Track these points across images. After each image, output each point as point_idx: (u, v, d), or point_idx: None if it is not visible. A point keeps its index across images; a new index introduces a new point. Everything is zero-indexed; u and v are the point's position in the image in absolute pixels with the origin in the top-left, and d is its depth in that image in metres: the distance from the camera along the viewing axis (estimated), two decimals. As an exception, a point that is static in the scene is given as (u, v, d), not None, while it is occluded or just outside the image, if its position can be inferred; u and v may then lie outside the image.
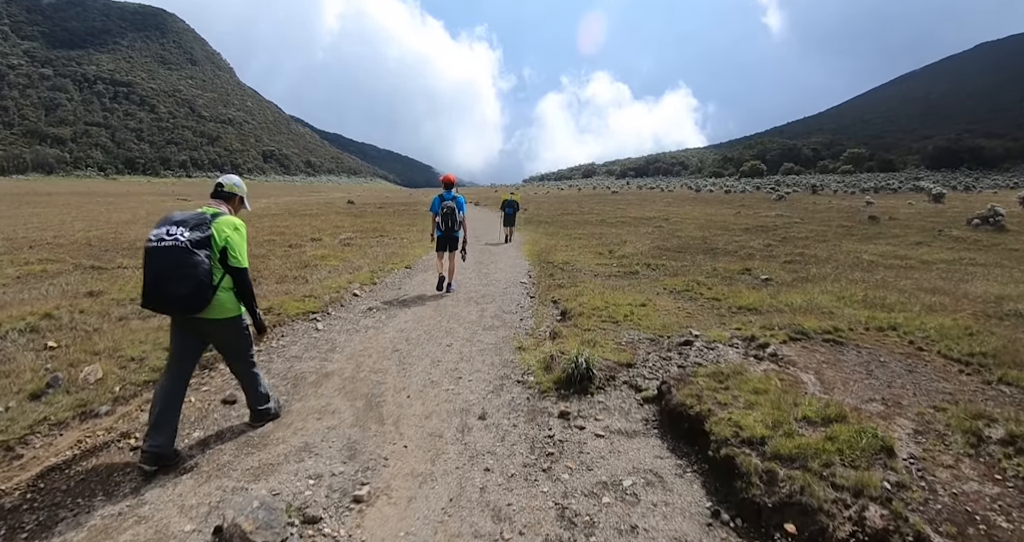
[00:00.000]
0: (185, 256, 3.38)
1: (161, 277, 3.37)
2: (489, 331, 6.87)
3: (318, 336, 6.62)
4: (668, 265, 12.03)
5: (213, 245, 3.56)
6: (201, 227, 3.52)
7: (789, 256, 13.47)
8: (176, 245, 3.37)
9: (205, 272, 3.44)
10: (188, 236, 3.42)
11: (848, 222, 23.22)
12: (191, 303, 3.45)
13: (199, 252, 3.44)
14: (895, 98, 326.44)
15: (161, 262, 3.37)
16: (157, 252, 3.37)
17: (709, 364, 5.09)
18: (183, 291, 3.37)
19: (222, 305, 3.67)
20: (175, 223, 3.48)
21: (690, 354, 5.44)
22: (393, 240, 17.54)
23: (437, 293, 9.24)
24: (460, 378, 5.22)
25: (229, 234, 3.65)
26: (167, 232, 3.42)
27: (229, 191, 4.02)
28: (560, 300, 8.34)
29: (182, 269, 3.36)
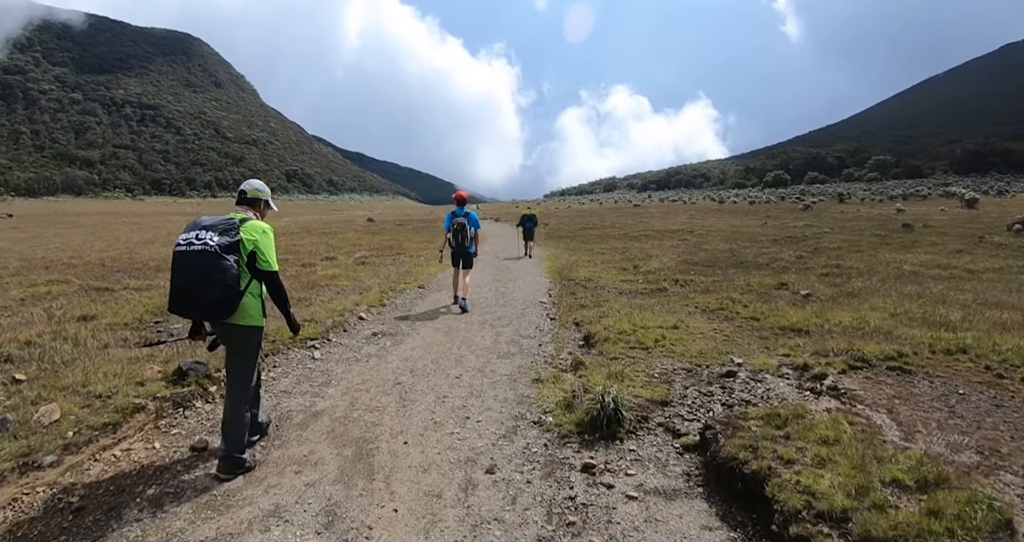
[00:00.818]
0: (214, 261, 3.33)
1: (190, 282, 3.34)
2: (504, 359, 6.17)
3: (313, 366, 5.98)
4: (698, 281, 11.25)
5: (241, 250, 3.52)
6: (230, 232, 3.47)
7: (825, 268, 12.62)
8: (205, 250, 3.33)
9: (233, 277, 3.40)
10: (217, 241, 3.38)
11: (881, 231, 22.22)
12: (219, 309, 3.42)
13: (228, 257, 3.39)
14: (919, 103, 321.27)
15: (190, 267, 3.35)
16: (186, 257, 3.36)
17: (759, 401, 4.34)
18: (212, 297, 3.34)
19: (247, 312, 3.62)
20: (204, 228, 3.45)
21: (735, 388, 4.69)
22: (409, 258, 16.96)
23: (449, 315, 8.61)
24: (468, 418, 4.51)
25: (257, 238, 3.59)
26: (196, 236, 3.39)
27: (253, 196, 3.95)
28: (583, 322, 7.61)
29: (211, 274, 3.32)
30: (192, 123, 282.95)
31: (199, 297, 3.35)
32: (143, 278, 12.09)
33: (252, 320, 3.69)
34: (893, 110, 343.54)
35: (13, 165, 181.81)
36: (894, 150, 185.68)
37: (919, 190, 71.71)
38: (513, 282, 12.11)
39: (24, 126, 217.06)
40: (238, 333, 3.70)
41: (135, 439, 4.20)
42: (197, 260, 3.34)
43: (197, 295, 3.35)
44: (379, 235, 27.11)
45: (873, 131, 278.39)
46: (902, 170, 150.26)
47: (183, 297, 3.39)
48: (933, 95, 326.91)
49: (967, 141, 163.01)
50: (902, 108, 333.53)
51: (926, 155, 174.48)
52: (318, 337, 6.95)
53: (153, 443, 4.14)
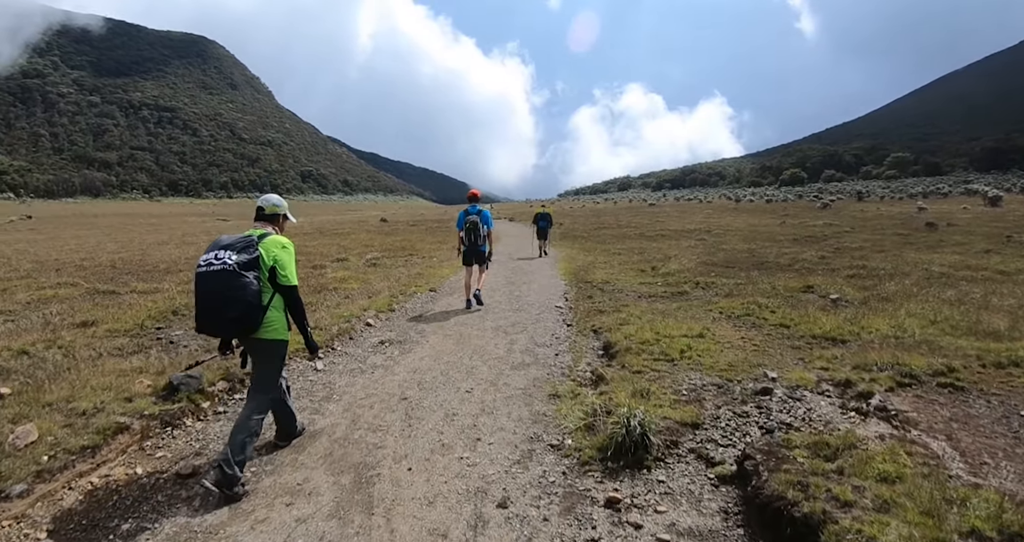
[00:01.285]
0: (233, 279, 3.41)
1: (212, 301, 3.43)
2: (518, 371, 5.77)
3: (315, 379, 5.62)
4: (719, 283, 10.79)
5: (261, 266, 3.57)
6: (248, 249, 3.53)
7: (851, 270, 12.10)
8: (224, 269, 3.41)
9: (254, 293, 3.48)
10: (235, 259, 3.45)
11: (904, 230, 21.58)
12: (242, 324, 3.50)
13: (247, 274, 3.46)
14: (937, 100, 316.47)
15: (210, 286, 3.42)
16: (206, 277, 3.43)
17: (801, 424, 3.92)
18: (233, 314, 3.42)
19: (272, 325, 3.67)
20: (223, 247, 3.52)
21: (772, 408, 4.26)
22: (421, 259, 16.62)
23: (461, 321, 8.24)
24: (479, 440, 4.12)
25: (277, 253, 3.65)
26: (215, 256, 3.46)
27: (271, 213, 3.97)
28: (602, 329, 7.20)
29: (231, 292, 3.40)
30: (208, 125, 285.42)
31: (221, 315, 3.43)
32: (151, 281, 11.86)
33: (277, 334, 3.74)
34: (911, 107, 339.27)
35: (33, 167, 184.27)
36: (912, 147, 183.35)
37: (940, 188, 70.31)
38: (528, 285, 11.72)
39: (43, 129, 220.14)
40: (264, 347, 3.75)
41: (116, 463, 3.86)
42: (217, 280, 3.41)
43: (219, 313, 3.43)
44: (392, 236, 26.82)
45: (891, 128, 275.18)
46: (921, 168, 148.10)
47: (207, 317, 3.48)
48: (952, 91, 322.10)
49: (987, 138, 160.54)
50: (920, 105, 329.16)
51: (945, 152, 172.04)
52: (322, 346, 6.59)
53: (135, 468, 3.79)
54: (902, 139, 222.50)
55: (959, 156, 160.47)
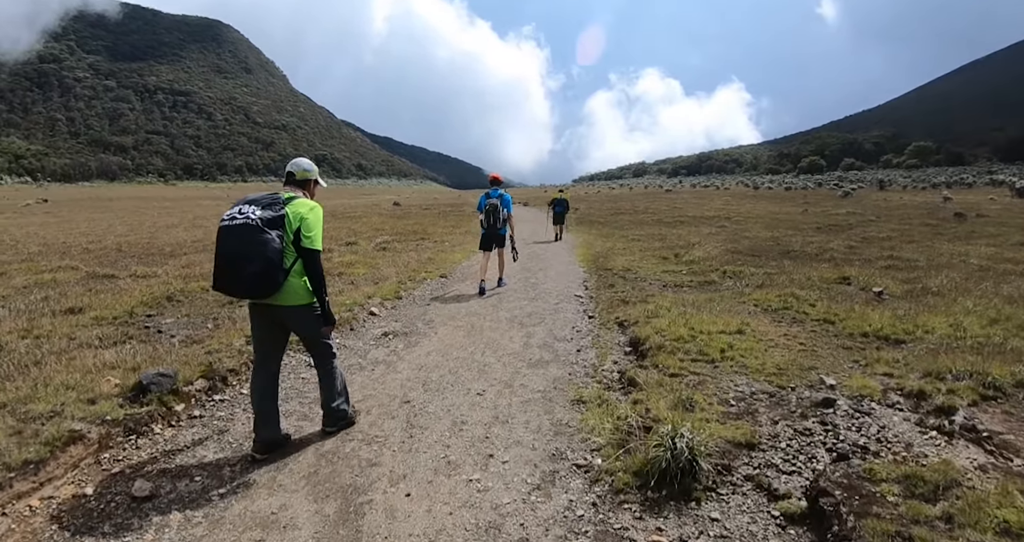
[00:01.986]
0: (255, 234, 3.24)
1: (231, 256, 3.27)
2: (536, 369, 5.14)
3: (308, 376, 5.01)
4: (748, 272, 10.09)
5: (286, 226, 3.39)
6: (273, 207, 3.38)
7: (885, 261, 11.36)
8: (247, 223, 3.25)
9: (275, 251, 3.28)
10: (259, 214, 3.30)
11: (931, 220, 20.66)
12: (260, 284, 3.29)
13: (270, 231, 3.28)
14: (960, 88, 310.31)
15: (231, 240, 3.28)
16: (227, 231, 3.29)
17: (878, 446, 3.26)
18: (251, 269, 3.22)
19: (294, 291, 3.47)
20: (248, 202, 3.39)
21: (838, 423, 3.59)
22: (433, 243, 16.01)
23: (472, 310, 7.62)
24: (491, 457, 3.50)
25: (304, 214, 3.45)
26: (239, 211, 3.32)
27: (302, 178, 3.82)
28: (628, 322, 6.52)
29: (251, 247, 3.22)
30: (223, 109, 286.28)
31: (240, 271, 3.25)
32: (152, 264, 11.38)
33: (301, 299, 3.52)
34: (932, 95, 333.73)
35: (50, 151, 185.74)
36: (934, 136, 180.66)
37: (963, 178, 68.63)
38: (544, 271, 11.07)
39: (60, 113, 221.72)
40: (291, 314, 3.56)
41: (64, 481, 3.27)
42: (238, 233, 3.25)
43: (238, 268, 3.25)
44: (404, 219, 26.22)
45: (911, 116, 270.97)
46: (943, 157, 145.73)
47: (225, 271, 3.31)
48: (975, 79, 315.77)
49: (1012, 128, 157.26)
50: (942, 93, 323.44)
51: (968, 142, 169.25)
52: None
53: (85, 487, 3.21)
54: (923, 128, 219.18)
55: (982, 146, 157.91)
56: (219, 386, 4.64)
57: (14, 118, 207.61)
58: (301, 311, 3.56)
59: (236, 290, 3.42)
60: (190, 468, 3.45)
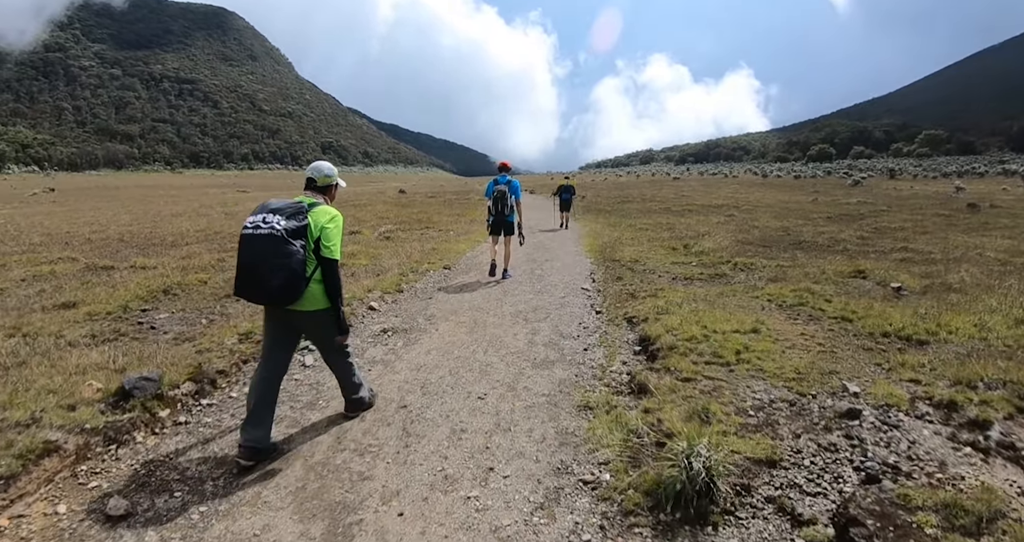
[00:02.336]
0: (280, 245, 3.23)
1: (255, 266, 3.26)
2: (541, 370, 4.89)
3: (301, 378, 4.78)
4: (760, 264, 9.82)
5: (308, 235, 3.40)
6: (297, 216, 3.36)
7: (899, 253, 11.07)
8: (272, 234, 3.23)
9: (299, 262, 3.29)
10: (284, 225, 3.27)
11: (944, 210, 20.22)
12: (284, 294, 3.29)
13: (294, 242, 3.29)
14: (971, 76, 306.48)
15: (256, 250, 3.26)
16: (252, 240, 3.27)
17: (909, 465, 3.01)
18: (276, 282, 3.23)
19: (314, 297, 3.48)
20: (272, 211, 3.35)
21: (865, 437, 3.33)
22: (438, 232, 15.77)
23: (475, 305, 7.37)
24: (491, 470, 3.26)
25: (324, 224, 3.46)
26: (263, 220, 3.29)
27: (323, 184, 3.77)
28: (637, 319, 6.27)
29: (276, 259, 3.23)
30: (229, 97, 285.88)
31: (264, 281, 3.23)
32: (153, 255, 11.22)
33: (320, 304, 3.52)
34: (944, 83, 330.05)
35: (56, 140, 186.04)
36: (945, 125, 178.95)
37: (975, 167, 67.61)
38: (551, 262, 10.80)
39: (66, 102, 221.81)
40: (309, 319, 3.57)
41: (35, 498, 3.05)
42: (263, 244, 3.23)
43: (262, 279, 3.24)
44: (409, 207, 25.94)
45: (922, 105, 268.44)
46: (954, 146, 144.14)
47: (248, 281, 3.29)
48: (987, 67, 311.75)
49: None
50: (953, 81, 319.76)
51: (979, 131, 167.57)
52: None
53: (58, 504, 2.99)
54: (934, 116, 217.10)
55: (994, 135, 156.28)
56: (207, 389, 4.41)
57: (21, 107, 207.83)
58: (319, 316, 3.56)
59: (259, 299, 3.40)
60: (171, 482, 3.23)
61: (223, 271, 9.57)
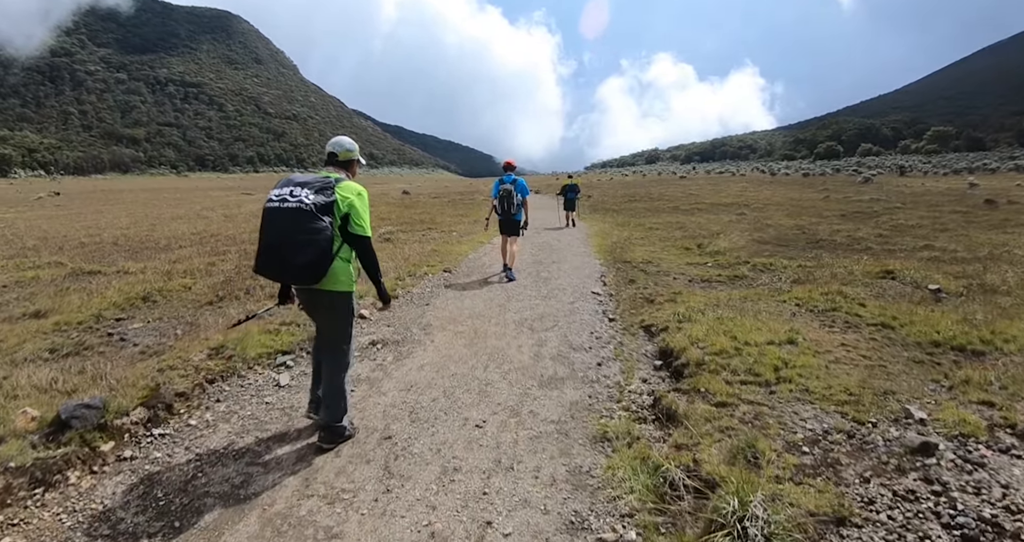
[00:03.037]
0: (309, 220, 3.03)
1: (281, 242, 3.05)
2: (549, 390, 4.26)
3: (273, 400, 4.15)
4: (780, 265, 9.21)
5: (336, 211, 3.16)
6: (326, 191, 3.14)
7: (925, 252, 10.48)
8: (300, 208, 3.03)
9: (327, 239, 3.08)
10: (313, 199, 3.07)
11: (961, 207, 19.52)
12: (309, 273, 3.08)
13: (323, 218, 3.07)
14: (979, 72, 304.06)
15: (282, 225, 3.05)
16: (278, 214, 3.07)
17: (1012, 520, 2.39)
18: (304, 259, 3.02)
19: (337, 277, 3.28)
20: (299, 184, 3.15)
21: (947, 481, 2.70)
22: (440, 234, 15.20)
23: (476, 311, 6.75)
24: (489, 525, 2.64)
25: (352, 199, 3.21)
26: (290, 193, 3.10)
27: (345, 158, 3.58)
28: (656, 327, 5.64)
29: (305, 234, 3.02)
30: (234, 100, 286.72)
31: (290, 259, 3.05)
32: (143, 259, 10.82)
33: (342, 285, 3.37)
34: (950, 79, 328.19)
35: (62, 145, 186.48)
36: (953, 121, 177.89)
37: (986, 163, 66.52)
38: (558, 264, 10.18)
39: (72, 106, 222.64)
40: (328, 299, 3.38)
41: (-77, 564, 2.49)
42: (291, 218, 3.05)
43: (288, 256, 3.04)
44: (411, 208, 25.39)
45: (930, 101, 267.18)
46: (963, 142, 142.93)
47: (272, 258, 3.10)
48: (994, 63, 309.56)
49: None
50: (961, 77, 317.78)
51: (988, 127, 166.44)
52: (294, 349, 5.15)
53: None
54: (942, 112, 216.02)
55: (1003, 131, 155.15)
56: (162, 416, 3.80)
57: (27, 112, 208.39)
58: (336, 297, 3.39)
59: (283, 277, 3.26)
60: (98, 540, 2.64)
61: (210, 276, 9.09)
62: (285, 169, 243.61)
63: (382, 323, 6.29)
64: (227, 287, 8.12)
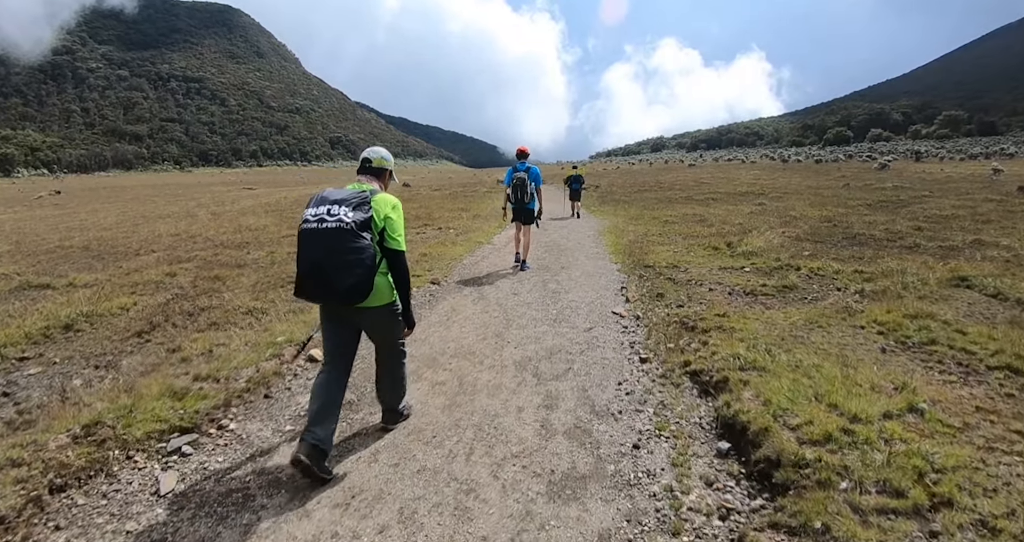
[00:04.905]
0: (352, 240, 2.89)
1: (325, 264, 2.87)
2: (563, 504, 2.76)
3: (141, 527, 2.65)
4: (831, 270, 7.79)
5: (373, 227, 3.04)
6: (363, 207, 2.99)
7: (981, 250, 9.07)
8: (340, 227, 2.88)
9: (372, 257, 2.97)
10: (352, 217, 2.92)
11: (994, 195, 17.87)
12: (356, 293, 2.91)
13: (364, 235, 2.94)
14: (991, 55, 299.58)
15: (323, 246, 2.88)
16: (318, 235, 2.89)
17: None
18: (351, 280, 2.87)
19: (380, 291, 3.12)
20: (335, 202, 2.97)
21: None
22: (436, 231, 13.78)
23: (463, 345, 5.23)
24: None
25: (388, 213, 3.10)
26: (328, 212, 2.93)
27: (379, 166, 3.39)
28: (707, 374, 4.12)
29: (348, 255, 2.87)
30: (236, 94, 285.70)
31: (335, 281, 2.85)
32: (101, 268, 9.75)
33: (385, 298, 3.16)
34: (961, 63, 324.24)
35: (65, 143, 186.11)
36: (964, 105, 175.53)
37: (1004, 148, 64.48)
38: (568, 271, 8.68)
39: (74, 104, 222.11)
40: (375, 316, 3.18)
41: None
42: (332, 239, 2.87)
43: (333, 279, 2.84)
44: (409, 202, 23.86)
45: (940, 85, 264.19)
46: (975, 127, 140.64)
47: (316, 281, 2.88)
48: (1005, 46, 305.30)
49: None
50: (971, 60, 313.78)
51: (1000, 111, 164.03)
52: (200, 423, 3.65)
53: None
54: (952, 97, 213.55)
55: (1015, 115, 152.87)
56: None
57: (29, 111, 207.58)
58: (382, 311, 3.19)
59: (328, 299, 2.98)
60: None
61: (159, 291, 7.89)
62: (288, 163, 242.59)
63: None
64: (166, 311, 6.72)
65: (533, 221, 8.90)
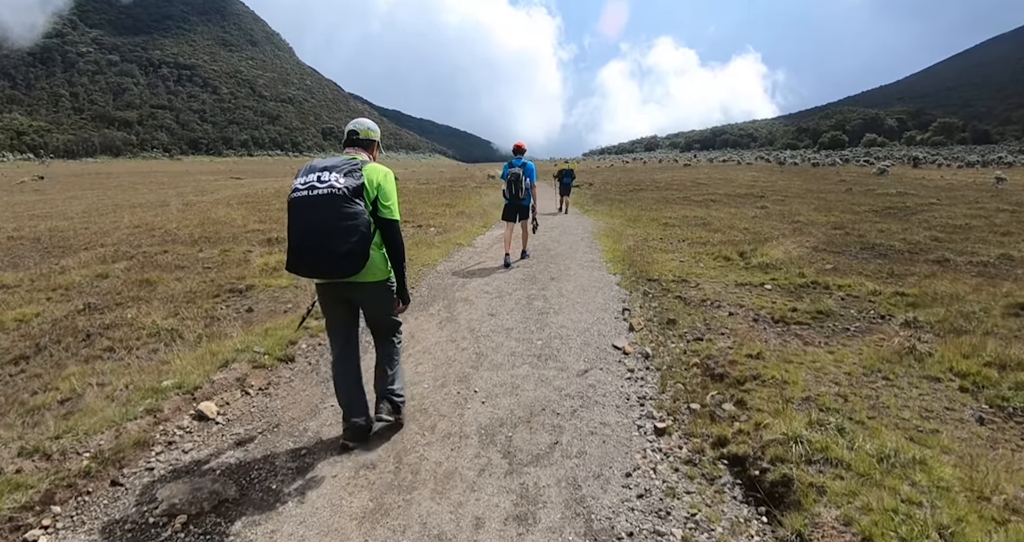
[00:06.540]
0: (345, 206, 2.71)
1: (318, 231, 2.69)
2: None
3: None
4: (866, 290, 6.67)
5: (366, 195, 2.85)
6: (354, 173, 2.84)
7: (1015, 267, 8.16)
8: (332, 193, 2.71)
9: (366, 224, 2.77)
10: (344, 182, 2.76)
11: (1005, 205, 16.83)
12: (351, 263, 2.74)
13: (357, 201, 2.76)
14: (985, 63, 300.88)
15: (317, 213, 2.70)
16: (309, 203, 2.71)
17: None
18: (345, 247, 2.69)
19: (375, 265, 2.96)
20: (325, 169, 2.82)
21: None
22: (414, 230, 12.51)
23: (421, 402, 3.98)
24: None
25: (380, 181, 2.94)
26: (318, 178, 2.77)
27: (366, 137, 3.22)
28: (753, 461, 2.84)
29: (342, 221, 2.69)
30: (228, 82, 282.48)
31: (329, 249, 2.68)
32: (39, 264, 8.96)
33: (381, 274, 3.03)
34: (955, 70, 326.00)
35: (53, 128, 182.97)
36: (958, 113, 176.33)
37: (1001, 157, 64.01)
38: (557, 282, 7.42)
39: (63, 89, 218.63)
40: (366, 290, 3.02)
41: None
42: (326, 204, 2.70)
43: (328, 246, 2.68)
44: (392, 199, 22.67)
45: (934, 92, 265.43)
46: (969, 134, 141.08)
47: (308, 251, 2.70)
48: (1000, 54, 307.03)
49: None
50: (966, 68, 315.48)
51: (994, 119, 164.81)
52: (58, 493, 2.39)
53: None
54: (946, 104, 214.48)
55: (1010, 123, 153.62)
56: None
57: (17, 94, 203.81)
58: (377, 287, 3.03)
59: (323, 270, 2.77)
60: None
61: (79, 296, 6.83)
62: (279, 153, 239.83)
63: (229, 436, 3.43)
64: (61, 328, 5.45)
65: (528, 216, 8.91)
